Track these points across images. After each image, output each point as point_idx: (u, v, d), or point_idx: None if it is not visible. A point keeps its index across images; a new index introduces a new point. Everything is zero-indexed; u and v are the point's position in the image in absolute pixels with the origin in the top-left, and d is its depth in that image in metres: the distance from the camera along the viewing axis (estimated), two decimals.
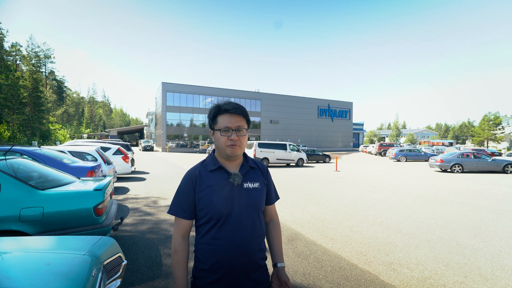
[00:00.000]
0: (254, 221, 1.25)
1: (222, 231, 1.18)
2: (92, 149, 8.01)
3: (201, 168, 1.28)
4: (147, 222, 4.95)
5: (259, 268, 1.26)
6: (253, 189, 1.27)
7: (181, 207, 1.25)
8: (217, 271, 1.18)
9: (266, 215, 1.42)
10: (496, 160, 15.86)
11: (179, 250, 1.23)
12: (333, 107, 51.81)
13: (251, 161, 1.36)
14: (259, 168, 1.37)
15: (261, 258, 1.28)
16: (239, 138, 1.21)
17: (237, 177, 1.23)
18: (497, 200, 7.66)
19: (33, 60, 49.65)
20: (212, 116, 1.26)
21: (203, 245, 1.21)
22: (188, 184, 1.25)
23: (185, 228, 1.26)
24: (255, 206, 1.26)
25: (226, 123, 1.20)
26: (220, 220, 1.19)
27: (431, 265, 3.37)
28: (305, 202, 6.97)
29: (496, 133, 54.74)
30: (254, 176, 1.31)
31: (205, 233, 1.22)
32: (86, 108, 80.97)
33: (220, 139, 1.21)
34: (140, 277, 2.94)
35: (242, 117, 1.24)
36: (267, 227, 1.43)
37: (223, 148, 1.22)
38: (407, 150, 26.65)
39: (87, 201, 2.98)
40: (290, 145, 18.60)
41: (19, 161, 3.48)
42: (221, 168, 1.26)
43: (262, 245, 1.29)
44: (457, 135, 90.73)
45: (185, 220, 1.25)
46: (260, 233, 1.28)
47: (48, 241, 1.98)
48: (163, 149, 37.85)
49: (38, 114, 34.16)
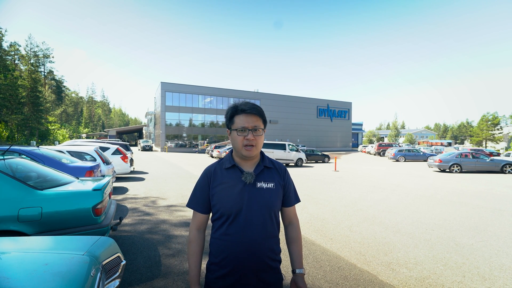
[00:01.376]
0: (266, 221, 1.24)
1: (232, 228, 1.21)
2: (91, 149, 7.99)
3: (217, 165, 1.33)
4: (146, 222, 4.94)
5: (269, 270, 1.25)
6: (266, 189, 1.26)
7: (197, 201, 1.31)
8: (225, 266, 1.21)
9: (285, 218, 1.41)
10: (494, 160, 15.92)
11: (193, 240, 1.30)
12: (332, 107, 51.87)
13: (268, 160, 1.36)
14: (276, 169, 1.36)
15: (272, 259, 1.26)
16: (255, 138, 1.23)
17: (249, 175, 1.24)
18: (495, 200, 7.68)
19: (31, 60, 49.50)
20: (230, 116, 1.27)
21: (215, 239, 1.26)
22: (204, 180, 1.31)
23: (201, 221, 1.32)
24: (267, 206, 1.25)
25: (243, 123, 1.22)
26: (230, 217, 1.22)
27: (429, 265, 3.38)
28: (304, 202, 6.97)
29: (494, 133, 54.94)
30: (269, 176, 1.31)
31: (217, 228, 1.26)
32: (85, 108, 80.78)
33: (237, 138, 1.23)
34: (139, 277, 2.93)
35: (258, 117, 1.25)
36: (286, 231, 1.41)
37: (240, 149, 1.24)
38: (406, 150, 26.70)
39: (85, 201, 2.97)
40: (289, 145, 18.60)
41: (17, 161, 3.46)
42: (235, 167, 1.28)
43: (275, 246, 1.28)
44: (455, 135, 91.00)
45: (200, 214, 1.31)
46: (273, 235, 1.27)
47: (46, 241, 1.97)
48: (162, 149, 37.80)
49: (37, 114, 34.07)
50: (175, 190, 8.26)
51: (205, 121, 41.77)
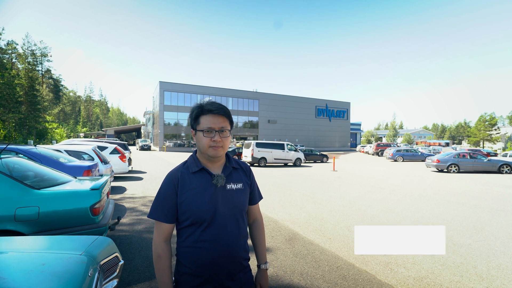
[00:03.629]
0: (238, 222, 1.24)
1: (206, 234, 1.16)
2: (89, 148, 7.95)
3: (182, 170, 1.24)
4: (144, 221, 4.93)
5: (242, 269, 1.26)
6: (236, 190, 1.25)
7: (162, 210, 1.20)
8: (201, 274, 1.16)
9: (250, 216, 1.41)
10: (492, 160, 16.01)
11: (162, 255, 1.19)
12: (331, 107, 51.97)
13: (233, 161, 1.34)
14: (242, 169, 1.35)
15: (245, 258, 1.28)
16: (222, 139, 1.18)
17: (220, 178, 1.20)
18: (493, 200, 7.72)
19: (29, 58, 49.13)
20: (195, 116, 1.21)
21: (186, 248, 1.19)
22: (169, 187, 1.21)
23: (167, 232, 1.22)
24: (239, 207, 1.25)
25: (209, 124, 1.17)
26: (204, 223, 1.16)
27: (427, 265, 3.39)
28: (303, 201, 6.98)
29: (491, 134, 55.22)
30: (237, 177, 1.29)
31: (187, 236, 1.19)
32: (82, 107, 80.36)
33: (202, 140, 1.18)
34: (137, 277, 2.92)
35: (225, 118, 1.20)
36: (251, 228, 1.43)
37: (206, 150, 1.19)
38: (404, 150, 26.81)
39: (83, 200, 2.96)
40: (288, 144, 18.61)
41: (14, 160, 3.44)
42: (203, 170, 1.23)
43: (246, 246, 1.29)
44: (453, 136, 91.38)
45: (166, 224, 1.20)
46: (244, 234, 1.28)
47: (43, 241, 1.96)
48: (160, 148, 37.73)
49: (34, 113, 33.85)
50: None
51: None
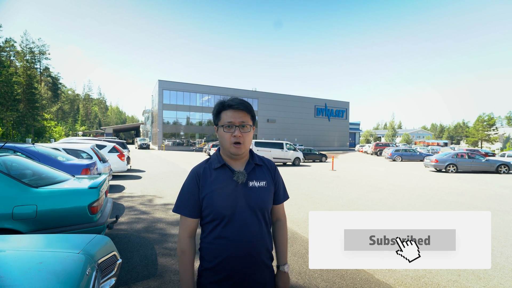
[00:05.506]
0: (260, 221, 1.21)
1: (227, 230, 1.15)
2: (87, 146, 7.93)
3: (205, 166, 1.25)
4: (142, 220, 4.92)
5: (266, 269, 1.23)
6: (259, 188, 1.22)
7: (186, 205, 1.20)
8: (221, 271, 1.15)
9: (273, 215, 1.37)
10: (490, 161, 16.10)
11: (186, 250, 1.20)
12: (330, 106, 51.98)
13: (257, 158, 1.31)
14: (267, 166, 1.32)
15: (268, 258, 1.25)
16: (242, 134, 1.17)
17: (241, 175, 1.19)
18: (490, 199, 7.75)
19: (27, 56, 48.87)
20: (216, 112, 1.23)
21: (208, 244, 1.19)
22: (192, 182, 1.22)
23: (192, 227, 1.22)
24: (261, 206, 1.21)
25: (229, 119, 1.17)
26: (224, 219, 1.16)
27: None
28: (302, 201, 6.99)
29: (490, 134, 55.44)
30: (260, 174, 1.26)
31: (209, 231, 1.19)
32: (81, 106, 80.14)
33: (224, 135, 1.18)
34: (135, 276, 2.92)
35: (246, 112, 1.19)
36: (273, 227, 1.38)
37: (228, 147, 1.19)
38: (402, 150, 26.86)
39: (81, 199, 2.95)
40: (286, 144, 18.61)
41: (12, 158, 3.42)
42: (225, 166, 1.22)
43: (269, 245, 1.26)
44: (452, 136, 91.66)
45: (191, 218, 1.21)
46: (267, 233, 1.25)
47: (41, 239, 1.95)
48: (159, 147, 37.65)
49: (32, 111, 33.73)
50: (172, 188, 8.23)
51: (203, 119, 41.65)
